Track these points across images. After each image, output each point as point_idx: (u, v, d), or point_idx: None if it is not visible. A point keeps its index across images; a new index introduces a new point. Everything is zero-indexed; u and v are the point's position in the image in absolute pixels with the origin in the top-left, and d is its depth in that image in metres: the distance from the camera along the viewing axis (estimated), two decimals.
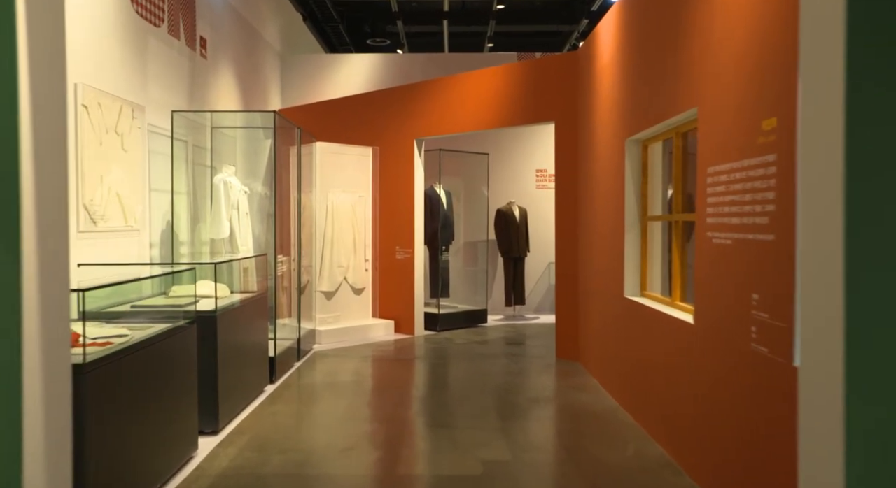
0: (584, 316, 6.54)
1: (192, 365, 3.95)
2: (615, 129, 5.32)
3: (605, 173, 5.64)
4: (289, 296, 7.40)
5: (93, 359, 2.87)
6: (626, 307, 4.99)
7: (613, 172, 5.37)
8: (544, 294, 10.53)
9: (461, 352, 7.38)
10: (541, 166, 10.50)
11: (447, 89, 8.10)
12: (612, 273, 5.40)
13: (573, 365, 6.68)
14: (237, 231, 6.11)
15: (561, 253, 6.99)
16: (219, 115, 6.79)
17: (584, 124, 6.54)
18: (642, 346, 4.59)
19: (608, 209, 5.54)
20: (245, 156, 7.47)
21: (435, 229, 9.17)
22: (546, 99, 7.08)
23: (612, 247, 5.40)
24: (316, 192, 8.06)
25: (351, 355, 7.22)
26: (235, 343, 4.84)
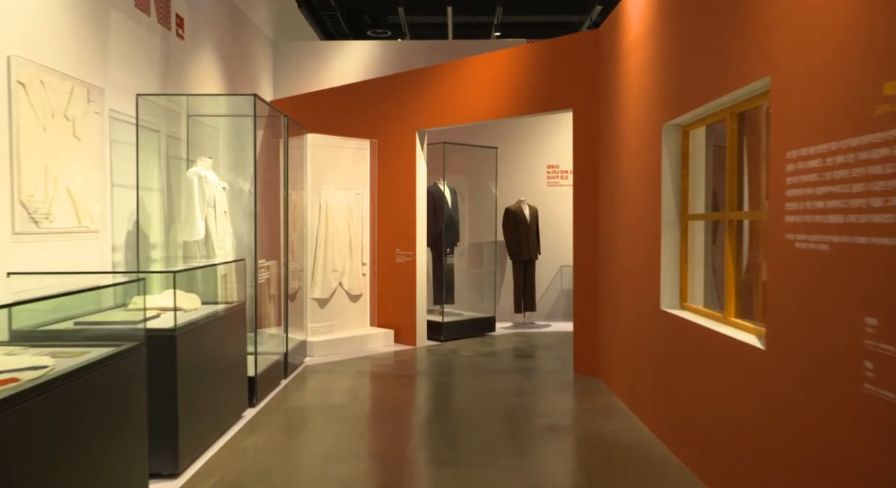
0: (607, 327, 5.79)
1: (140, 396, 3.21)
2: (648, 114, 4.58)
3: (635, 165, 4.89)
4: (277, 305, 6.67)
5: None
6: (664, 322, 4.24)
7: (646, 164, 4.63)
8: (556, 299, 9.79)
9: (467, 367, 6.64)
10: (553, 162, 9.76)
11: (452, 76, 7.36)
12: (643, 281, 4.65)
13: (593, 381, 5.93)
14: (213, 232, 5.37)
15: (580, 257, 6.24)
16: (195, 103, 6.05)
17: (607, 111, 5.79)
18: (686, 369, 3.84)
19: (638, 206, 4.79)
20: (229, 149, 6.74)
21: (439, 230, 8.43)
22: (562, 84, 6.33)
23: (644, 250, 4.65)
24: (307, 189, 7.33)
25: (345, 370, 6.48)
26: (203, 363, 4.11)
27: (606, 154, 5.82)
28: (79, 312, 3.75)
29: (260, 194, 6.62)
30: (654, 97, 4.46)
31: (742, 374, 3.10)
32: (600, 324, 6.03)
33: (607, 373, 5.78)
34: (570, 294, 9.68)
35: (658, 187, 4.35)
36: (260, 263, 5.57)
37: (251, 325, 5.34)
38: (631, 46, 5.03)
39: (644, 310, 4.63)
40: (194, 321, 4.03)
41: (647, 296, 4.54)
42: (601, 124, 5.99)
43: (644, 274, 4.63)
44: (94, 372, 2.81)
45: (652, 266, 4.46)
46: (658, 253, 4.34)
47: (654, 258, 4.41)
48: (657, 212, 4.37)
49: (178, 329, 3.68)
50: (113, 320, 3.47)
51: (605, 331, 5.86)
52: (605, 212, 5.89)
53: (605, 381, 5.81)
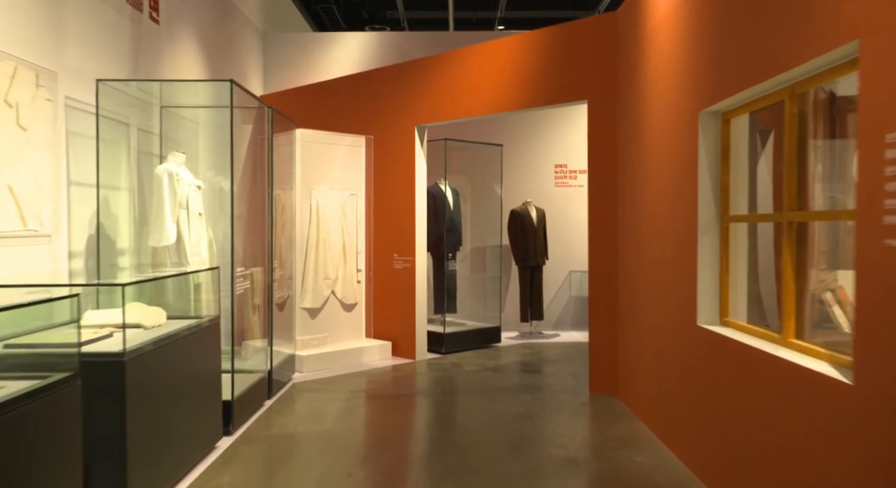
0: (627, 342, 5.19)
1: (73, 439, 2.61)
2: (680, 102, 3.98)
3: (663, 160, 4.29)
4: (263, 316, 6.07)
5: None
6: (701, 340, 3.64)
7: (677, 158, 4.03)
8: (564, 307, 9.19)
9: (471, 384, 6.03)
10: (561, 161, 9.16)
11: (454, 67, 6.77)
12: (674, 292, 4.05)
13: (611, 402, 5.33)
14: (186, 237, 4.77)
15: (596, 263, 5.64)
16: (170, 93, 5.46)
17: (626, 101, 5.19)
18: (734, 398, 3.24)
19: (668, 207, 4.19)
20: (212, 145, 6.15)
21: (439, 233, 7.83)
22: (576, 73, 5.74)
23: (675, 257, 4.05)
24: (297, 189, 6.73)
25: (337, 388, 5.88)
26: (165, 389, 3.51)
27: (626, 149, 5.23)
28: (10, 332, 3.15)
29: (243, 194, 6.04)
30: (688, 82, 3.87)
31: (820, 413, 2.49)
32: (619, 338, 5.43)
33: (628, 393, 5.17)
34: (579, 301, 9.08)
35: (693, 185, 3.76)
36: (239, 271, 4.97)
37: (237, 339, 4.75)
38: (657, 27, 4.43)
39: (675, 326, 4.03)
40: (154, 340, 3.43)
41: (680, 310, 3.94)
42: (619, 116, 5.39)
43: (676, 284, 4.03)
44: (5, 413, 2.22)
45: (686, 275, 3.85)
46: (694, 260, 3.74)
47: (688, 266, 3.81)
48: (692, 214, 3.77)
49: (129, 353, 3.08)
50: (46, 343, 2.87)
51: (626, 345, 5.25)
52: (624, 213, 5.29)
53: (626, 402, 5.21)
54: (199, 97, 5.65)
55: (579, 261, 9.08)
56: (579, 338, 8.46)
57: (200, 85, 5.55)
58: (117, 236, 5.10)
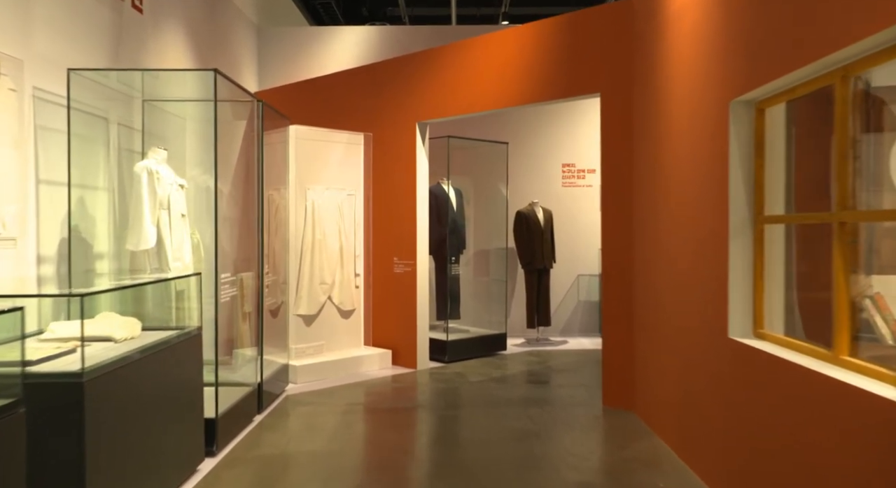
0: (644, 352, 4.81)
1: (14, 476, 2.24)
2: (708, 91, 3.60)
3: (687, 155, 3.92)
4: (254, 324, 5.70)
5: None
6: (733, 354, 3.26)
7: (704, 153, 3.65)
8: (572, 313, 8.81)
9: (476, 396, 5.66)
10: (568, 160, 8.79)
11: (457, 60, 6.40)
12: (701, 300, 3.68)
13: (627, 417, 4.95)
14: (167, 240, 4.41)
15: (610, 267, 5.26)
16: (153, 85, 5.10)
17: (644, 93, 4.82)
18: (775, 422, 2.86)
19: (693, 206, 3.82)
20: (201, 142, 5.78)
21: (442, 236, 7.45)
22: (588, 65, 5.37)
23: (702, 261, 3.67)
24: (291, 189, 6.37)
25: (334, 400, 5.51)
26: (136, 409, 3.15)
27: (643, 144, 4.85)
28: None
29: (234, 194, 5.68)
30: (717, 69, 3.49)
31: (883, 444, 2.12)
32: (636, 348, 5.05)
33: (646, 408, 4.79)
34: (587, 306, 8.71)
35: (723, 182, 3.38)
36: (224, 277, 4.60)
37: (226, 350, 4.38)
38: (681, 10, 4.06)
39: (702, 337, 3.65)
40: (124, 356, 3.07)
41: (708, 320, 3.56)
42: (635, 109, 5.02)
43: (702, 291, 3.65)
44: None
45: (714, 282, 3.48)
46: (724, 265, 3.36)
47: (717, 272, 3.43)
48: (722, 214, 3.39)
49: (90, 372, 2.72)
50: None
51: (643, 356, 4.88)
52: (641, 213, 4.92)
53: (644, 417, 4.83)
54: (185, 90, 5.28)
55: (588, 265, 8.71)
56: (588, 345, 8.08)
57: (186, 77, 5.18)
58: (95, 239, 4.74)
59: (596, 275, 8.70)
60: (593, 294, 8.75)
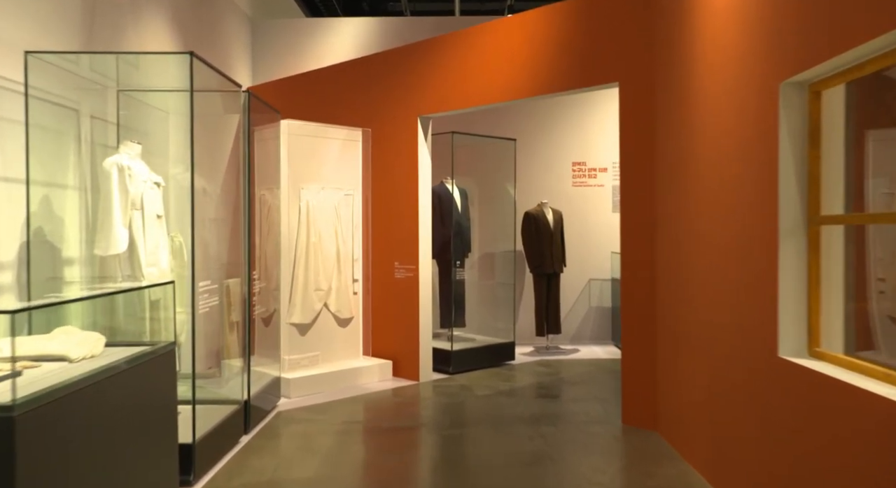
0: (671, 367, 4.35)
1: None
2: (753, 71, 3.15)
3: (725, 147, 3.46)
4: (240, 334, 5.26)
5: None
6: (783, 376, 2.80)
7: (746, 144, 3.20)
8: (583, 319, 8.35)
9: (483, 413, 5.20)
10: (579, 158, 8.34)
11: (461, 49, 5.96)
12: (743, 312, 3.22)
13: (650, 437, 4.49)
14: (140, 244, 3.97)
15: (630, 273, 4.81)
16: (130, 73, 4.67)
17: (669, 79, 4.36)
18: (828, 451, 2.40)
19: (733, 205, 3.36)
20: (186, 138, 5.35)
21: (446, 238, 7.01)
22: (604, 51, 4.92)
23: (744, 268, 3.21)
24: (284, 188, 5.93)
25: (329, 417, 5.06)
26: (91, 442, 2.70)
27: (668, 137, 4.40)
28: None
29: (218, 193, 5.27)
30: (763, 46, 3.04)
31: None
32: (659, 362, 4.59)
33: (671, 429, 4.33)
34: (599, 312, 8.25)
35: (772, 177, 2.92)
36: (204, 285, 4.16)
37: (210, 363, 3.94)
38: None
39: (744, 355, 3.19)
40: (76, 379, 2.62)
41: (752, 336, 3.10)
42: (658, 99, 4.57)
43: (745, 303, 3.19)
44: None
45: (761, 292, 3.02)
46: (773, 273, 2.90)
47: (764, 280, 2.97)
48: (770, 214, 2.93)
49: (24, 404, 2.27)
50: None
51: (668, 371, 4.42)
52: (666, 213, 4.46)
53: (669, 439, 4.37)
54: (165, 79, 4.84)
55: (599, 269, 8.26)
56: (601, 353, 7.62)
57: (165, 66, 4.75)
58: (64, 243, 4.30)
59: (608, 279, 8.24)
60: (605, 299, 8.29)
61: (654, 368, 4.63)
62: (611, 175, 8.30)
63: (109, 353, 3.17)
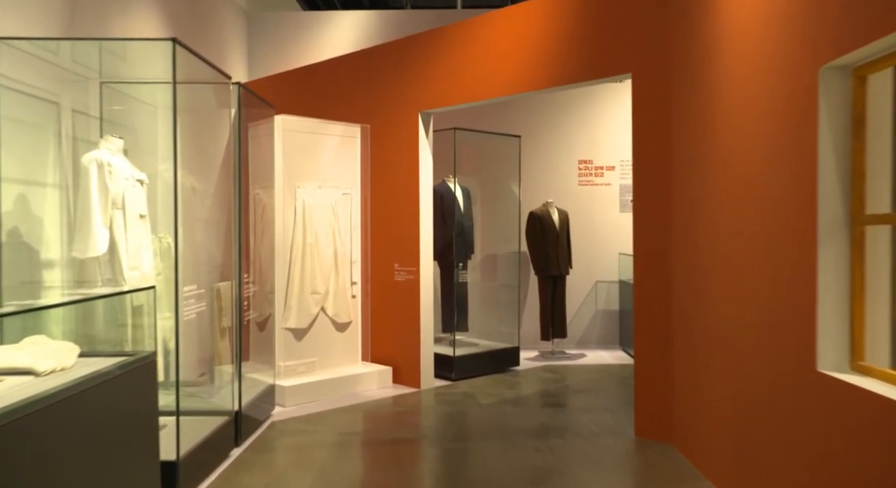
0: (688, 377, 4.08)
1: None
2: (787, 54, 2.88)
3: (757, 141, 3.18)
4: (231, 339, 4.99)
5: None
6: (824, 393, 2.53)
7: (782, 136, 2.92)
8: (590, 323, 8.09)
9: (487, 423, 4.93)
10: (585, 156, 8.07)
11: (464, 41, 5.69)
12: (775, 321, 2.94)
13: (665, 451, 4.22)
14: (122, 246, 3.70)
15: (643, 276, 4.53)
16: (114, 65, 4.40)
17: (686, 69, 4.09)
18: (876, 480, 2.13)
19: (762, 202, 3.09)
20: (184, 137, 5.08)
21: (448, 239, 6.74)
22: (616, 40, 4.65)
23: (778, 273, 2.94)
24: (279, 187, 5.67)
25: (325, 428, 4.79)
26: (59, 467, 2.43)
27: (686, 131, 4.12)
28: None
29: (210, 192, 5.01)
30: (800, 27, 2.76)
31: None
32: (675, 371, 4.32)
33: (689, 442, 4.06)
34: (606, 316, 7.98)
35: (810, 172, 2.65)
36: (188, 290, 3.89)
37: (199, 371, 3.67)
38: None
39: (777, 368, 2.92)
40: (41, 395, 2.36)
41: (786, 347, 2.83)
42: (675, 89, 4.29)
43: (778, 310, 2.92)
44: None
45: (795, 298, 2.75)
46: (811, 278, 2.63)
47: (800, 286, 2.70)
48: (807, 212, 2.66)
49: None
50: None
51: (685, 381, 4.14)
52: (683, 212, 4.19)
53: (686, 453, 4.09)
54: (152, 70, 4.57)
55: (606, 271, 7.99)
56: (608, 359, 7.35)
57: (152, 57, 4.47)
58: (42, 245, 4.03)
59: (616, 281, 7.98)
60: (613, 302, 8.03)
61: (669, 377, 4.36)
62: (618, 173, 8.03)
63: (83, 365, 2.90)
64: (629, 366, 6.92)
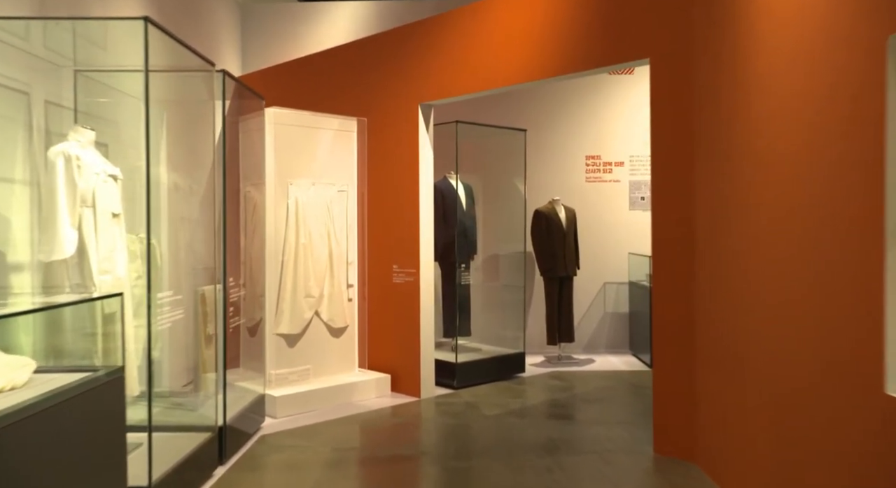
0: (714, 389, 3.73)
1: None
2: (844, 24, 2.53)
3: (805, 129, 2.83)
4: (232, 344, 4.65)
5: None
6: (890, 418, 2.18)
7: (838, 122, 2.57)
8: (598, 326, 7.75)
9: (492, 437, 4.59)
10: (593, 151, 7.73)
11: (467, 27, 5.35)
12: (827, 334, 2.60)
13: (689, 470, 3.87)
14: (91, 248, 3.36)
15: (663, 278, 4.18)
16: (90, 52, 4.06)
17: (713, 49, 3.74)
18: None
19: (813, 198, 2.74)
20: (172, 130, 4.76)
21: (450, 239, 6.40)
22: (632, 22, 4.30)
23: (828, 278, 2.59)
24: (270, 184, 5.33)
25: (319, 443, 4.45)
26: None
27: (711, 120, 3.78)
28: None
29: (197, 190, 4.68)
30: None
31: None
32: (698, 382, 3.97)
33: (717, 462, 3.71)
34: (615, 319, 7.64)
35: (874, 162, 2.30)
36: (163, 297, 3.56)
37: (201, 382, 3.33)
38: None
39: (829, 387, 2.57)
40: None
41: (841, 365, 2.48)
42: (699, 76, 3.94)
43: (828, 320, 2.57)
44: None
45: (854, 309, 2.40)
46: (876, 286, 2.28)
47: (861, 294, 2.35)
48: (871, 209, 2.31)
49: None
50: None
51: (711, 393, 3.80)
52: (711, 206, 3.84)
53: (712, 474, 3.75)
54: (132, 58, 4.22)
55: (616, 271, 7.65)
56: (619, 364, 7.01)
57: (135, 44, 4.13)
58: (9, 247, 3.69)
59: (625, 283, 7.63)
60: (622, 305, 7.68)
61: (691, 388, 4.02)
62: (628, 169, 7.68)
63: (38, 384, 2.56)
64: (641, 372, 6.58)
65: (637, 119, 7.53)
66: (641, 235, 7.48)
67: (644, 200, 7.63)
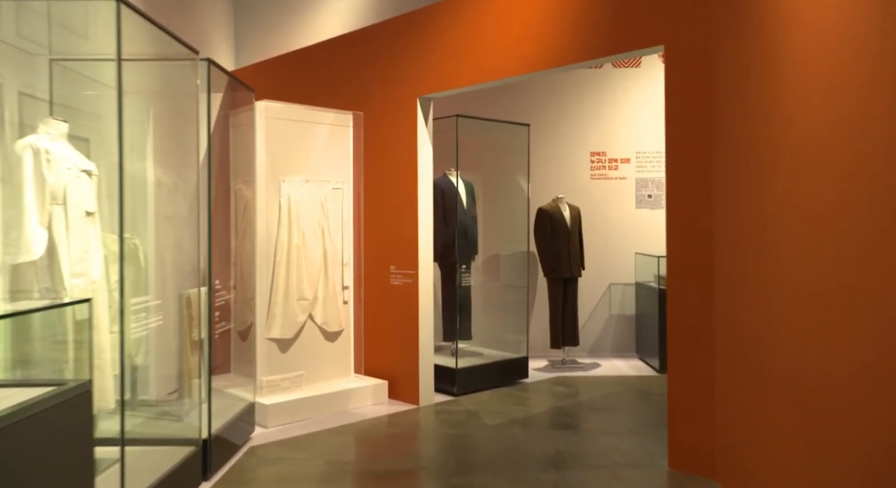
0: (735, 399, 3.47)
1: None
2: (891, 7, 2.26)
3: (838, 112, 2.57)
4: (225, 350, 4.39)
5: None
6: None
7: (875, 104, 2.31)
8: (603, 329, 7.49)
9: (495, 449, 4.32)
10: (598, 148, 7.47)
11: (469, 16, 5.09)
12: (873, 345, 2.33)
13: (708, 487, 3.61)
14: (62, 248, 3.10)
15: (678, 280, 3.92)
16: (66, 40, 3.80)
17: (734, 34, 3.48)
18: None
19: (849, 193, 2.47)
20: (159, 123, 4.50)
21: (450, 239, 6.13)
22: (646, 7, 4.04)
23: (873, 280, 2.32)
24: (261, 181, 5.07)
25: (311, 456, 4.19)
26: None
27: (733, 113, 3.51)
28: None
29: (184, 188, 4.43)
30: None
31: None
32: (717, 391, 3.71)
33: (739, 480, 3.45)
34: (621, 321, 7.39)
35: None
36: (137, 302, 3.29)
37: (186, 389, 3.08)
38: None
39: (879, 404, 2.31)
40: None
41: (887, 377, 2.22)
42: (719, 65, 3.68)
43: (875, 330, 2.31)
44: None
45: (890, 308, 2.14)
46: None
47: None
48: None
49: None
50: None
51: (733, 405, 3.54)
52: (730, 206, 3.58)
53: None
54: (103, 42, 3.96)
55: (622, 272, 7.40)
56: (625, 369, 6.76)
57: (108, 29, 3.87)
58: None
59: (631, 284, 7.38)
60: (628, 306, 7.43)
61: (710, 399, 3.75)
62: (634, 166, 7.43)
63: None
64: (649, 377, 6.33)
65: (644, 114, 7.27)
66: (649, 234, 7.23)
67: (651, 198, 7.38)
